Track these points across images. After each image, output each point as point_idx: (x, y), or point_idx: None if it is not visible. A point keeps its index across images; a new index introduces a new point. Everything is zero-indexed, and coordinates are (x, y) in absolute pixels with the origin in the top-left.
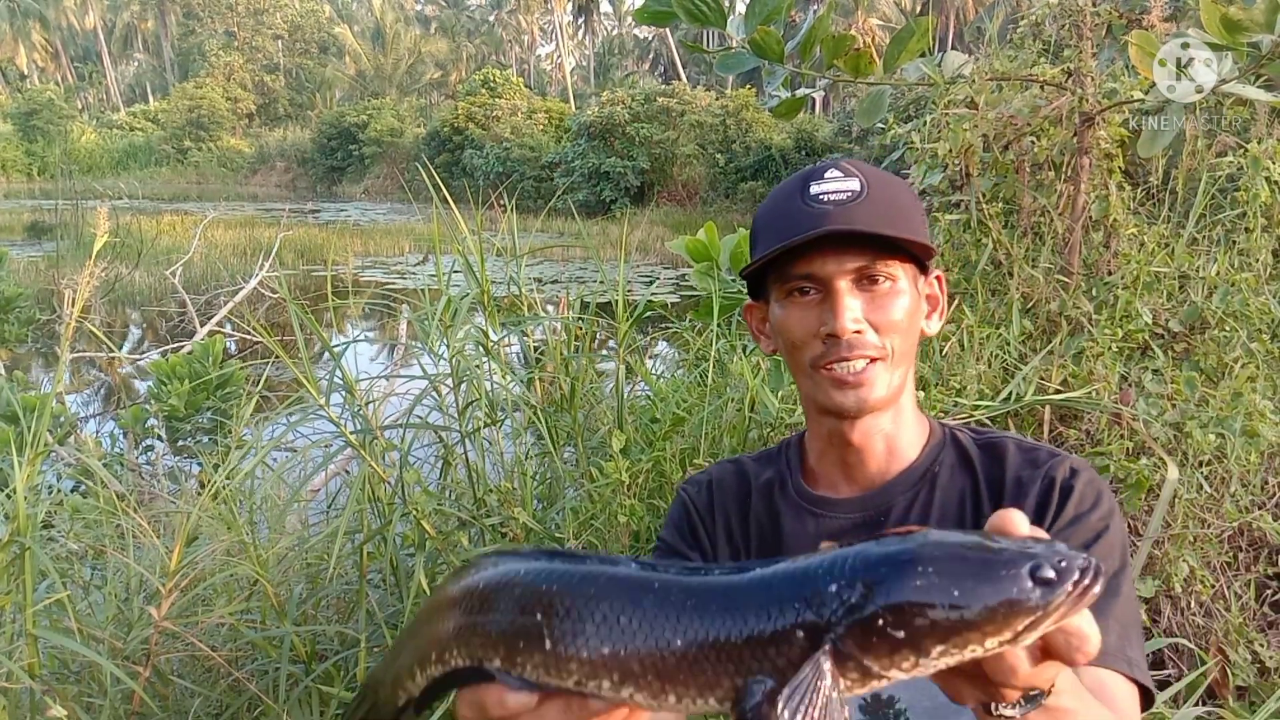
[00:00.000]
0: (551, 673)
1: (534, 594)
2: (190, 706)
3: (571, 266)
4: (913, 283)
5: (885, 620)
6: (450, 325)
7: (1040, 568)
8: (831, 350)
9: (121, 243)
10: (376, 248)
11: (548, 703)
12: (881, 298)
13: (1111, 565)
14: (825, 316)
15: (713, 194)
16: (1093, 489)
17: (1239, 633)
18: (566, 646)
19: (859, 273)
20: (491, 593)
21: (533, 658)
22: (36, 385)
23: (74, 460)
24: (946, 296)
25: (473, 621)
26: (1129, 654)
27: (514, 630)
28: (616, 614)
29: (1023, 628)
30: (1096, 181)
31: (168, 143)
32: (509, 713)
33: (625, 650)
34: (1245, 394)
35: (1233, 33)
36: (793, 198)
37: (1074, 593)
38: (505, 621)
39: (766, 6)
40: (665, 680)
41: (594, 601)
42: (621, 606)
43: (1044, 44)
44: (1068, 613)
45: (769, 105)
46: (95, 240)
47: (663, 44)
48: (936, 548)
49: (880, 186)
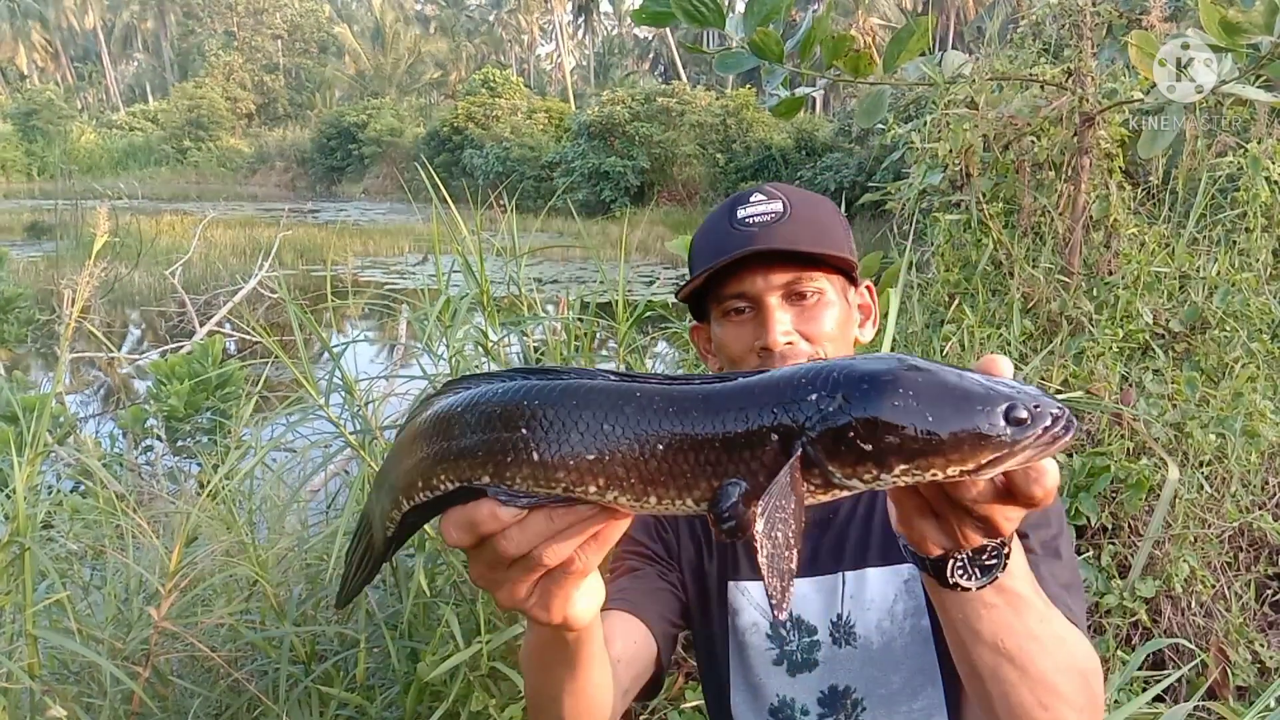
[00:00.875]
0: (540, 482)
1: (517, 409)
2: (190, 707)
3: (571, 266)
4: (841, 294)
5: (856, 431)
6: (450, 325)
7: (1015, 408)
8: (767, 363)
9: (121, 243)
10: (376, 248)
11: (534, 513)
12: (810, 310)
13: (1050, 531)
14: (759, 331)
15: (713, 194)
16: None
17: (1239, 633)
18: (554, 455)
19: (787, 288)
20: (471, 413)
21: (521, 470)
22: (36, 385)
23: (73, 460)
24: (878, 305)
25: (457, 442)
26: (1070, 604)
27: (501, 445)
28: (600, 421)
29: (986, 460)
30: (1097, 181)
31: (167, 143)
32: (501, 525)
33: (610, 455)
34: (1246, 394)
35: (1232, 34)
36: (721, 222)
37: (1043, 436)
38: (491, 438)
39: (765, 6)
40: (647, 482)
41: (578, 410)
42: (605, 414)
43: (1044, 44)
44: (1034, 455)
45: (768, 104)
46: (95, 240)
47: (663, 44)
48: (922, 373)
49: (803, 206)
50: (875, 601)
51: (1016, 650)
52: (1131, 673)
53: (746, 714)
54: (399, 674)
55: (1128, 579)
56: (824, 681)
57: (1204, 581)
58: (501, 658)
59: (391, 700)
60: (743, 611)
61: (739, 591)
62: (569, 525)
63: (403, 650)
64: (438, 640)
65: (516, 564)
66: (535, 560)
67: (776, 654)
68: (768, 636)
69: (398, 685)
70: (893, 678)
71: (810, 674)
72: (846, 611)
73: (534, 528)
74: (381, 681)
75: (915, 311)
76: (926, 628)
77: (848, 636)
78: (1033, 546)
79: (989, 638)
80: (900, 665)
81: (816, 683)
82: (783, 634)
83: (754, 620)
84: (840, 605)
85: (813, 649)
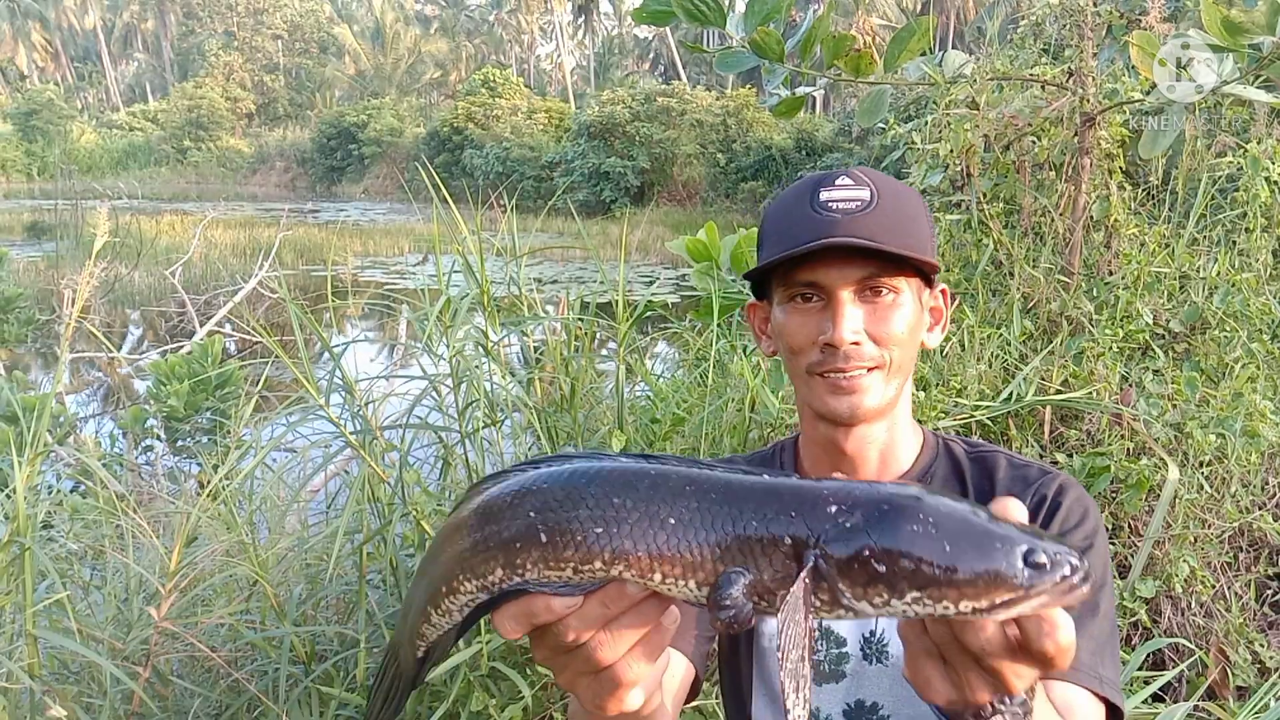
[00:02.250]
0: (551, 564)
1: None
2: (190, 707)
3: (571, 266)
4: (916, 295)
5: (872, 552)
6: (450, 325)
7: (1034, 552)
8: (829, 359)
9: (121, 243)
10: (376, 248)
11: (588, 599)
12: (883, 310)
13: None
14: (825, 325)
15: (713, 194)
16: (1079, 506)
17: (1239, 633)
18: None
19: (862, 284)
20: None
21: (530, 554)
22: (36, 385)
23: (73, 460)
24: (950, 309)
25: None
26: (1101, 671)
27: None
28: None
29: (1000, 600)
30: (1097, 182)
31: (167, 143)
32: (555, 615)
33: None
34: (1246, 394)
35: (1233, 34)
36: (802, 202)
37: (1060, 584)
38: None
39: (766, 6)
40: (654, 558)
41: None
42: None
43: (1044, 44)
44: (1049, 602)
45: (769, 104)
46: (95, 240)
47: (663, 44)
48: (944, 505)
49: (890, 197)
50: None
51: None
52: (1131, 673)
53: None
54: None
55: (1128, 579)
56: (850, 694)
57: (1204, 582)
58: (501, 658)
59: None
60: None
61: None
62: (621, 611)
63: None
64: None
65: (575, 655)
66: (591, 654)
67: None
68: None
69: None
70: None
71: (836, 685)
72: (880, 629)
73: (591, 613)
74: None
75: None
76: None
77: (879, 654)
78: None
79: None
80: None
81: (842, 695)
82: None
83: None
84: (874, 622)
85: (841, 660)
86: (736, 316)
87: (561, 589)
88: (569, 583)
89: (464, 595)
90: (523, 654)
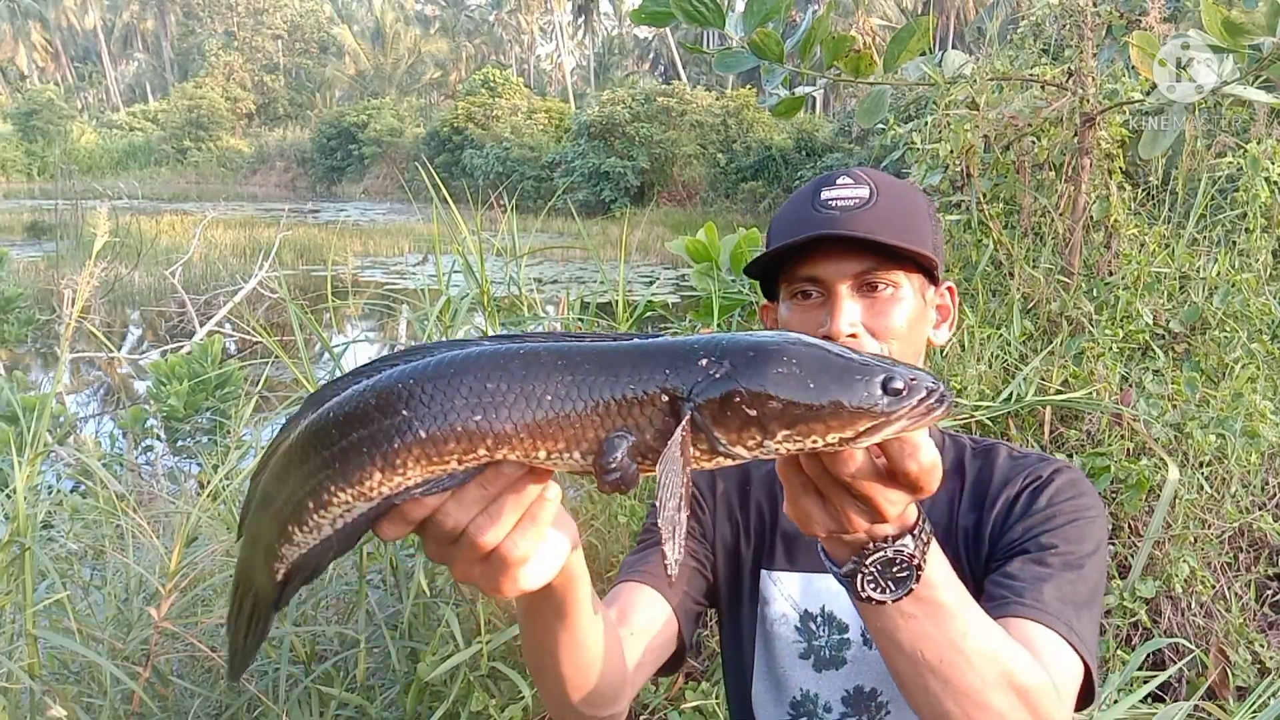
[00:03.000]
0: (433, 460)
1: (391, 393)
2: (190, 707)
3: (571, 266)
4: (918, 292)
5: (741, 397)
6: (450, 325)
7: (892, 379)
8: None
9: (121, 243)
10: (376, 248)
11: (467, 485)
12: (882, 304)
13: (1080, 548)
14: (824, 319)
15: (713, 194)
16: (1073, 485)
17: (1239, 633)
18: (440, 427)
19: (859, 278)
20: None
21: (410, 451)
22: (36, 385)
23: (74, 460)
24: (958, 308)
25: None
26: (1074, 624)
27: (381, 435)
28: (483, 382)
29: (863, 429)
30: (1097, 182)
31: (167, 143)
32: (430, 508)
33: (497, 413)
34: (1246, 394)
35: (1234, 35)
36: (804, 202)
37: (918, 407)
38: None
39: (765, 6)
40: (536, 436)
41: (458, 378)
42: (488, 375)
43: (1044, 44)
44: (909, 425)
45: (768, 104)
46: (95, 240)
47: (663, 44)
48: (805, 346)
49: (891, 195)
50: None
51: (937, 662)
52: (1131, 673)
53: (767, 704)
54: (399, 674)
55: (1128, 579)
56: (850, 681)
57: (1204, 582)
58: (501, 658)
59: (391, 700)
60: (773, 601)
61: (771, 581)
62: (501, 490)
63: (403, 650)
64: (438, 640)
65: (460, 542)
66: (473, 540)
67: (804, 648)
68: (796, 629)
69: (398, 685)
70: None
71: (837, 672)
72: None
73: (469, 497)
74: (381, 681)
75: None
76: None
77: (871, 696)
78: (1049, 560)
79: (908, 648)
80: None
81: (843, 681)
82: (812, 628)
83: (783, 612)
84: None
85: (842, 647)
86: (736, 317)
87: (445, 484)
88: (453, 475)
89: (337, 506)
90: (523, 653)
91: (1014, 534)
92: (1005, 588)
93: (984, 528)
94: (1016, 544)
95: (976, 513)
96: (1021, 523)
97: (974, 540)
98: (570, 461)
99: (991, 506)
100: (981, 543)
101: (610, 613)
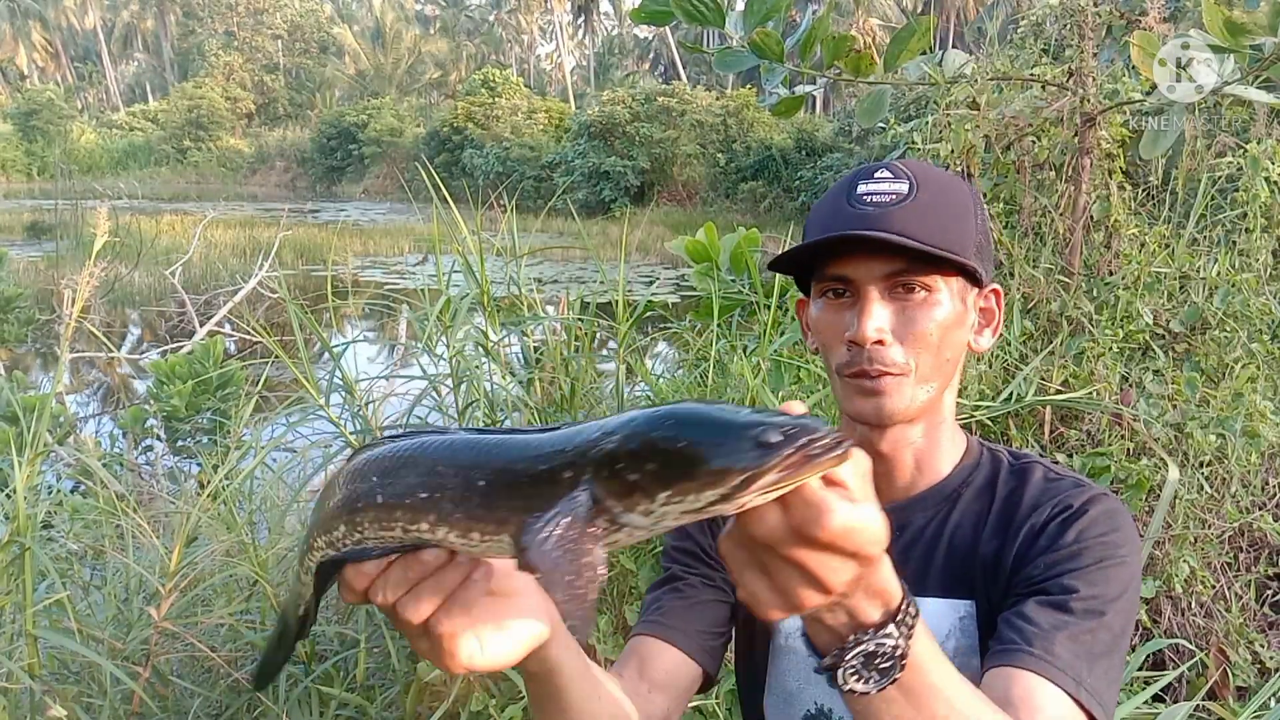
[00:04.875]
0: (384, 525)
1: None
2: (190, 707)
3: (571, 266)
4: (958, 295)
5: (623, 463)
6: (450, 325)
7: (766, 432)
8: (855, 358)
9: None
10: (376, 248)
11: (393, 565)
12: (913, 309)
13: (1107, 592)
14: (851, 321)
15: (713, 194)
16: (1107, 519)
17: (1239, 633)
18: (392, 496)
19: (892, 280)
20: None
21: (368, 514)
22: (36, 385)
23: (73, 460)
24: (1002, 310)
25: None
26: (1085, 678)
27: (353, 496)
28: (434, 464)
29: (734, 484)
30: (1097, 182)
31: (167, 143)
32: (367, 578)
33: (438, 492)
34: (1246, 394)
35: (1235, 35)
36: (839, 196)
37: (793, 457)
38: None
39: (765, 5)
40: (471, 518)
41: (419, 457)
42: (440, 458)
43: (1044, 44)
44: (785, 476)
45: (768, 103)
46: (95, 240)
47: (663, 44)
48: (693, 409)
49: (930, 191)
50: None
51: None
52: (1131, 673)
53: (778, 718)
54: (399, 674)
55: None
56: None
57: (1204, 582)
58: None
59: (391, 700)
60: None
61: None
62: (420, 574)
63: (403, 650)
64: None
65: (396, 620)
66: (399, 616)
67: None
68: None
69: (398, 685)
70: None
71: None
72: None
73: (393, 577)
74: (381, 681)
75: None
76: (976, 667)
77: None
78: (1070, 605)
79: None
80: None
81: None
82: None
83: (796, 625)
84: None
85: None
86: (736, 317)
87: (392, 550)
88: (401, 543)
89: (318, 552)
90: None
91: (1035, 569)
92: (1017, 631)
93: (1005, 556)
94: (1037, 582)
95: (1000, 539)
96: (1045, 557)
97: (993, 568)
98: (497, 546)
99: (1016, 534)
100: (1001, 572)
101: (628, 670)
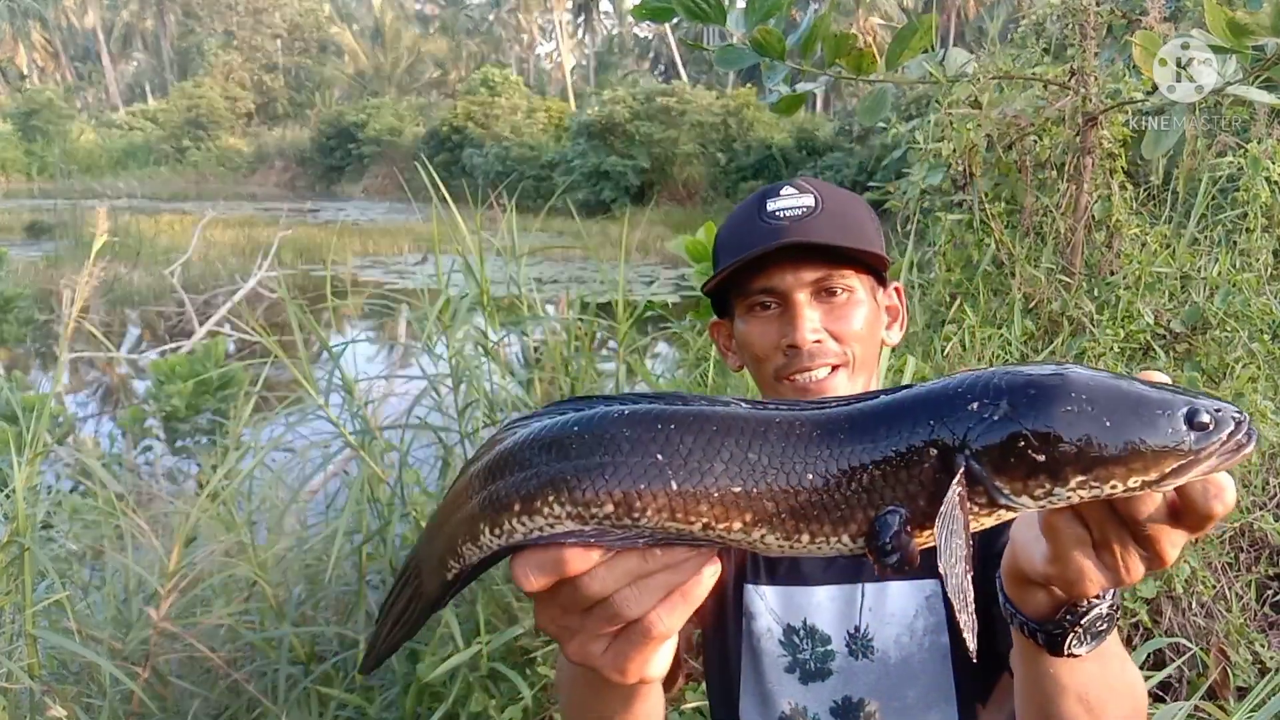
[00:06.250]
0: (678, 516)
1: (654, 431)
2: (189, 707)
3: (571, 266)
4: (871, 294)
5: (1028, 441)
6: (449, 325)
7: (1197, 412)
8: (794, 361)
9: (120, 242)
10: (375, 247)
11: (626, 552)
12: (840, 308)
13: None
14: (785, 329)
15: (713, 193)
16: None
17: (1240, 633)
18: (694, 486)
19: (816, 285)
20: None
21: (656, 499)
22: (35, 385)
23: (73, 460)
24: (905, 307)
25: (564, 470)
26: None
27: (637, 471)
28: (745, 450)
29: (1170, 470)
30: (1099, 181)
31: (166, 142)
32: (590, 563)
33: (758, 488)
34: (1246, 394)
35: (1238, 35)
36: (750, 215)
37: (1228, 443)
38: (623, 462)
39: (766, 3)
40: (799, 518)
41: (718, 438)
42: (749, 442)
43: (1046, 44)
44: (1218, 464)
45: (769, 101)
46: (94, 240)
47: (663, 43)
48: (1091, 378)
49: (834, 202)
50: (895, 616)
51: (1097, 701)
52: None
53: (755, 718)
54: (399, 674)
55: None
56: (837, 692)
57: (1205, 582)
58: (501, 659)
59: (391, 701)
60: (758, 616)
61: (756, 595)
62: (663, 567)
63: (402, 651)
64: (437, 641)
65: (594, 612)
66: (615, 609)
67: (789, 661)
68: (780, 643)
69: (398, 686)
70: (908, 693)
71: (823, 683)
72: (865, 624)
73: (624, 566)
74: (381, 682)
75: (916, 311)
76: (945, 645)
77: (865, 649)
78: None
79: (1076, 690)
80: (916, 681)
81: (829, 693)
82: (795, 641)
83: (768, 626)
84: (858, 617)
85: (826, 659)
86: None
87: (616, 540)
88: (626, 535)
89: (544, 517)
90: (522, 654)
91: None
92: None
93: None
94: None
95: None
96: None
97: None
98: (839, 545)
99: None
100: None
101: None
